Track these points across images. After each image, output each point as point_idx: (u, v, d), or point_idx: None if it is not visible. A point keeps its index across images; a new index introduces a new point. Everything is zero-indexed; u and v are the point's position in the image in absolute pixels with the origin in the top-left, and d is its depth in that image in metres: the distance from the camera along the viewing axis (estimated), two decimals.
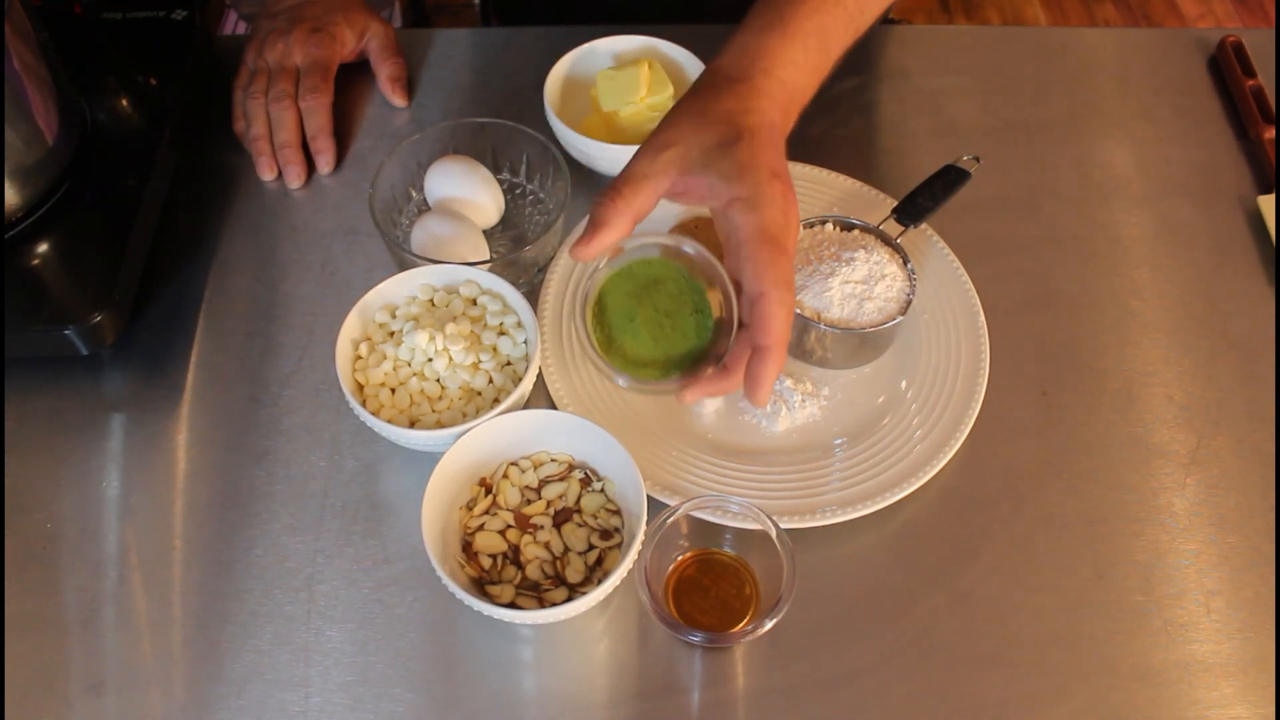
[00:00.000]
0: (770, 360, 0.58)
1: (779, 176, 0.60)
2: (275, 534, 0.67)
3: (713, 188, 0.60)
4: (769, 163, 0.60)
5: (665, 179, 0.61)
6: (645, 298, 0.64)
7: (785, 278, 0.58)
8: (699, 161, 0.60)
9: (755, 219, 0.58)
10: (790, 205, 0.60)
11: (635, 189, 0.61)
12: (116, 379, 0.73)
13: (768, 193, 0.59)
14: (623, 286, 0.64)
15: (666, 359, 0.63)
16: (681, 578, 0.64)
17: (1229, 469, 0.70)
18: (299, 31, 0.84)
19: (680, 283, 0.64)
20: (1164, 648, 0.63)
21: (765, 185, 0.59)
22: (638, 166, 0.61)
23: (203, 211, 0.81)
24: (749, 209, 0.59)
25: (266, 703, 0.61)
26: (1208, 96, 0.89)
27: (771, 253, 0.58)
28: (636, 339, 0.63)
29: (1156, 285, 0.78)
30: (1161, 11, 2.21)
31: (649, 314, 0.63)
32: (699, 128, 0.61)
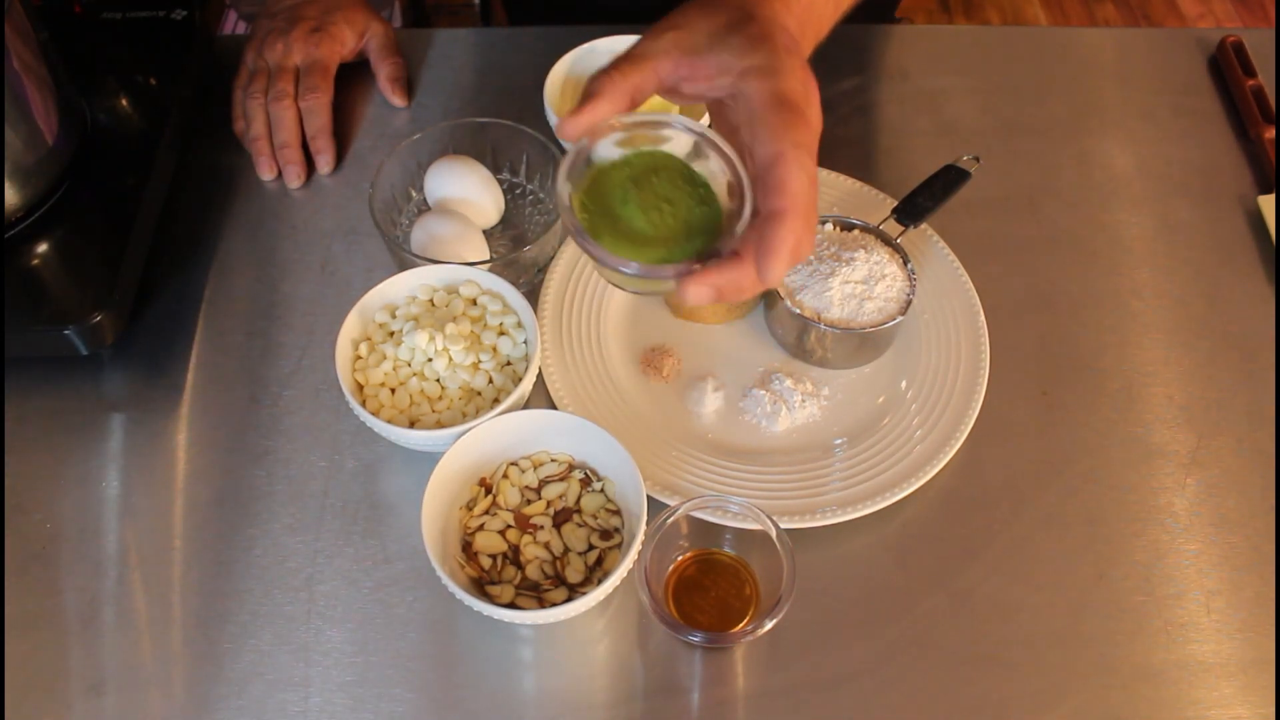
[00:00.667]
0: (785, 225, 0.50)
1: (797, 54, 0.54)
2: (275, 534, 0.67)
3: (722, 64, 0.54)
4: (785, 41, 0.54)
5: (668, 59, 0.55)
6: (643, 184, 0.56)
7: (804, 140, 0.52)
8: (705, 43, 0.55)
9: (771, 84, 0.52)
10: (810, 82, 0.54)
11: (635, 65, 0.55)
12: (116, 379, 0.73)
13: (786, 61, 0.53)
14: (617, 174, 0.56)
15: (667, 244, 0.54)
16: (681, 578, 0.64)
17: (1229, 469, 0.70)
18: (298, 31, 0.84)
19: (682, 171, 0.56)
20: (1164, 648, 0.63)
21: (783, 56, 0.53)
22: (638, 47, 0.56)
23: (203, 211, 0.81)
24: (763, 75, 0.53)
25: (266, 703, 0.61)
26: (1208, 96, 0.89)
27: (789, 114, 0.52)
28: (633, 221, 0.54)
29: (1156, 285, 0.78)
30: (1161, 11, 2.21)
31: (646, 199, 0.55)
32: (706, 12, 0.56)
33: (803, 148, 0.51)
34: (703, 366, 0.73)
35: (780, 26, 0.56)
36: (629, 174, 0.56)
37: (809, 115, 0.53)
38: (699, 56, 0.55)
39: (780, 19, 0.56)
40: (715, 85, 0.55)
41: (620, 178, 0.56)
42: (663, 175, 0.56)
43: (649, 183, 0.56)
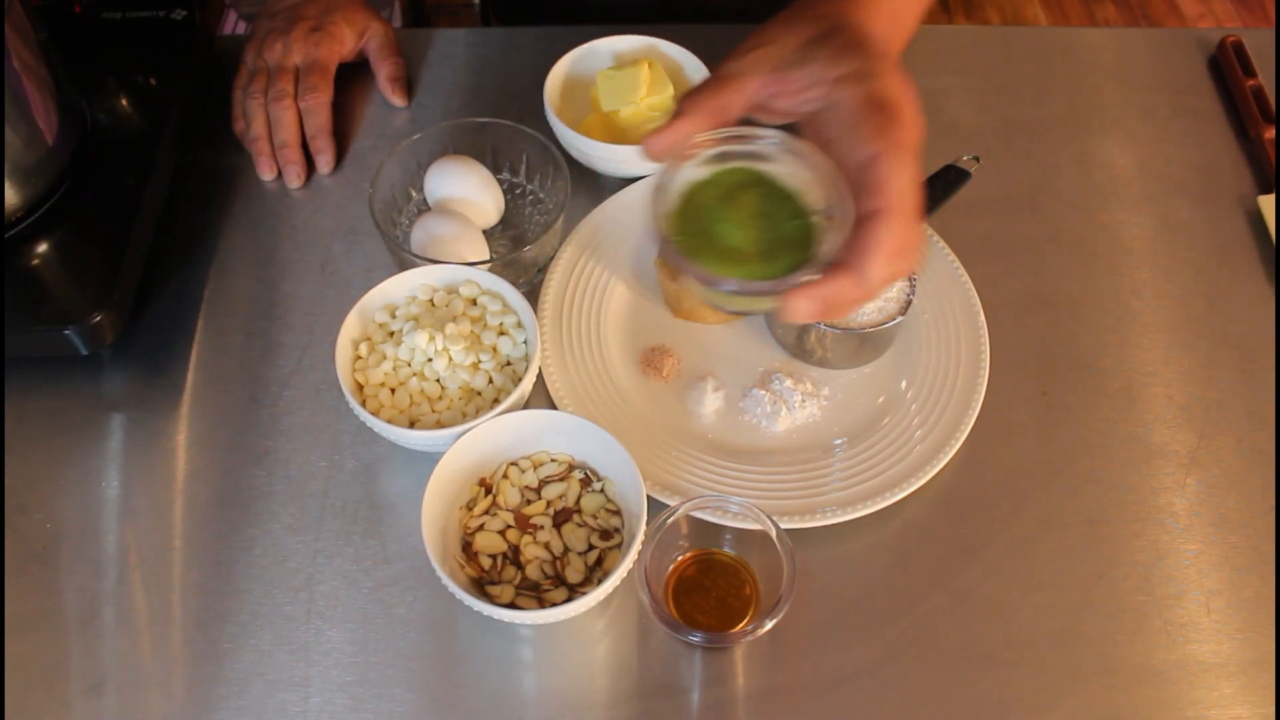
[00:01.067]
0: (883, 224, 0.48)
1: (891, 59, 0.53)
2: (275, 534, 0.67)
3: (812, 76, 0.53)
4: (878, 46, 0.53)
5: (755, 78, 0.54)
6: (734, 200, 0.54)
7: (903, 139, 0.50)
8: (793, 57, 0.54)
9: (865, 87, 0.51)
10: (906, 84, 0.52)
11: (721, 86, 0.54)
12: (116, 379, 0.73)
13: (879, 66, 0.52)
14: (707, 192, 0.55)
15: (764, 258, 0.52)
16: (681, 578, 0.64)
17: (1229, 469, 0.70)
18: (298, 31, 0.84)
19: (773, 185, 0.55)
20: (1164, 648, 0.63)
21: (877, 60, 0.52)
22: (725, 66, 0.55)
23: (203, 211, 0.81)
24: (857, 81, 0.51)
25: (266, 703, 0.61)
26: (1208, 96, 0.89)
27: (886, 116, 0.50)
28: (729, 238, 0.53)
29: (1156, 285, 0.78)
30: (1162, 11, 2.22)
31: (740, 215, 0.54)
32: (792, 27, 0.55)
33: (901, 147, 0.50)
34: (703, 366, 0.73)
35: (869, 33, 0.55)
36: (718, 192, 0.55)
37: (906, 115, 0.51)
38: (788, 71, 0.54)
39: (868, 25, 0.55)
40: (807, 99, 0.54)
41: (710, 196, 0.55)
42: (754, 191, 0.55)
43: (740, 199, 0.55)
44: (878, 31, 0.56)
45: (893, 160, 0.49)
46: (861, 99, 0.51)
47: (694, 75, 0.84)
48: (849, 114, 0.51)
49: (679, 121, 0.54)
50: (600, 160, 0.80)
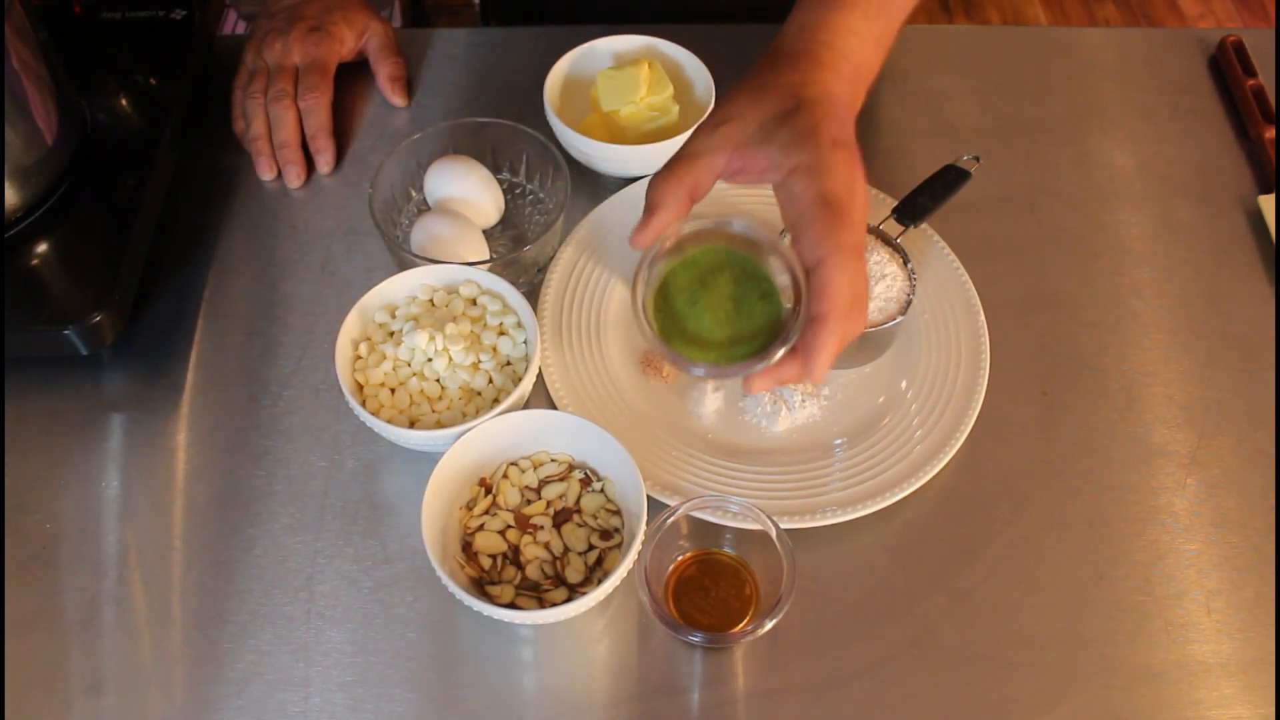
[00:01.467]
0: (826, 330, 0.54)
1: (844, 146, 0.56)
2: (275, 534, 0.67)
3: (772, 160, 0.57)
4: (831, 132, 0.56)
5: (721, 155, 0.58)
6: (709, 284, 0.60)
7: (848, 242, 0.54)
8: (757, 135, 0.57)
9: (815, 185, 0.55)
10: (856, 176, 0.56)
11: (689, 166, 0.58)
12: (116, 379, 0.73)
13: (830, 159, 0.55)
14: (685, 274, 0.60)
15: (732, 343, 0.59)
16: (681, 578, 0.64)
17: (1229, 469, 0.70)
18: (297, 31, 0.84)
19: (746, 268, 0.60)
20: (1164, 648, 0.63)
21: (827, 152, 0.55)
22: (692, 144, 0.59)
23: (203, 211, 0.81)
24: (808, 175, 0.55)
25: (266, 703, 0.61)
26: (1208, 96, 0.89)
27: (831, 217, 0.54)
28: (700, 324, 0.59)
29: (1156, 285, 0.78)
30: (1162, 11, 2.22)
31: (712, 299, 0.59)
32: (756, 101, 0.58)
33: (844, 250, 0.54)
34: None
35: (828, 110, 0.57)
36: (696, 274, 0.60)
37: (852, 213, 0.55)
38: (751, 150, 0.57)
39: (830, 92, 0.58)
40: (765, 178, 0.58)
41: (688, 278, 0.60)
42: (727, 273, 0.60)
43: (714, 282, 0.60)
44: (840, 95, 0.59)
45: (835, 266, 0.54)
46: (812, 197, 0.55)
47: (694, 75, 0.84)
48: (802, 209, 0.55)
49: (658, 214, 0.58)
50: (600, 160, 0.80)
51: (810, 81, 0.58)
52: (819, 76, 0.59)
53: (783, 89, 0.58)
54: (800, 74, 0.59)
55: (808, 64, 0.59)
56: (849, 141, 0.57)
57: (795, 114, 0.57)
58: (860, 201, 0.56)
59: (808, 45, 0.60)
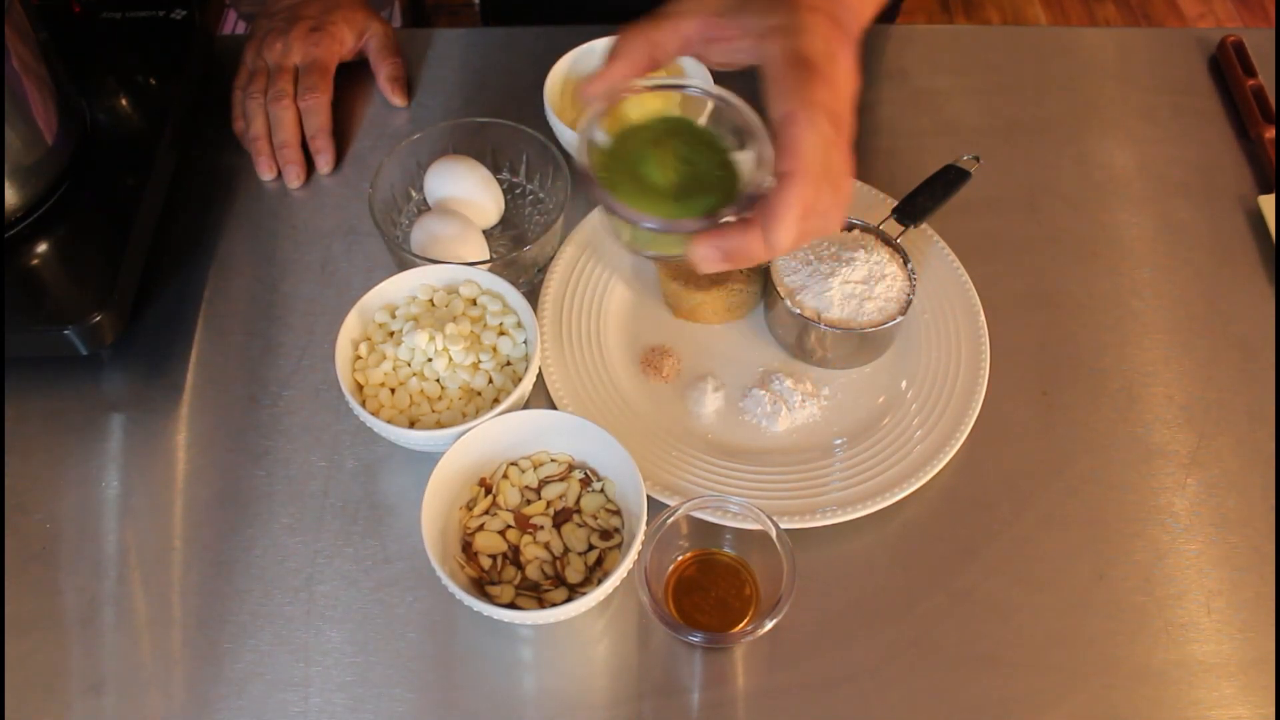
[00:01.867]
0: (792, 189, 0.49)
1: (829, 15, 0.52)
2: (275, 534, 0.67)
3: (745, 26, 0.53)
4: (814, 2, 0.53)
5: (693, 19, 0.55)
6: (662, 144, 0.56)
7: (819, 99, 0.49)
8: (732, 3, 0.54)
9: (789, 42, 0.51)
10: (836, 40, 0.52)
11: (658, 24, 0.55)
12: (116, 379, 0.73)
13: (808, 20, 0.51)
14: (639, 136, 0.56)
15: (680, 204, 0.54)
16: (681, 578, 0.64)
17: (1229, 469, 0.70)
18: (297, 31, 0.84)
19: (703, 136, 0.56)
20: (1164, 648, 0.63)
21: (806, 14, 0.52)
22: (664, 12, 0.56)
23: (203, 211, 0.81)
24: (783, 34, 0.51)
25: (266, 703, 0.61)
26: (1208, 96, 0.89)
27: (805, 73, 0.50)
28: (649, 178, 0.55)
29: (1156, 285, 0.78)
30: (1162, 11, 2.21)
31: (665, 157, 0.55)
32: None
33: (817, 106, 0.49)
34: (703, 366, 0.73)
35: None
36: (650, 136, 0.56)
37: (829, 73, 0.50)
38: (725, 17, 0.54)
39: None
40: (740, 48, 0.54)
41: (641, 139, 0.56)
42: (683, 138, 0.56)
43: (669, 144, 0.56)
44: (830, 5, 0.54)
45: (804, 122, 0.49)
46: (784, 54, 0.51)
47: (694, 75, 0.83)
48: (772, 69, 0.51)
49: (614, 63, 0.54)
50: None
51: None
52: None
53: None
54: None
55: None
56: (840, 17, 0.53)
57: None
58: (843, 69, 0.52)
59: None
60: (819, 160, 0.49)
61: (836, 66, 0.51)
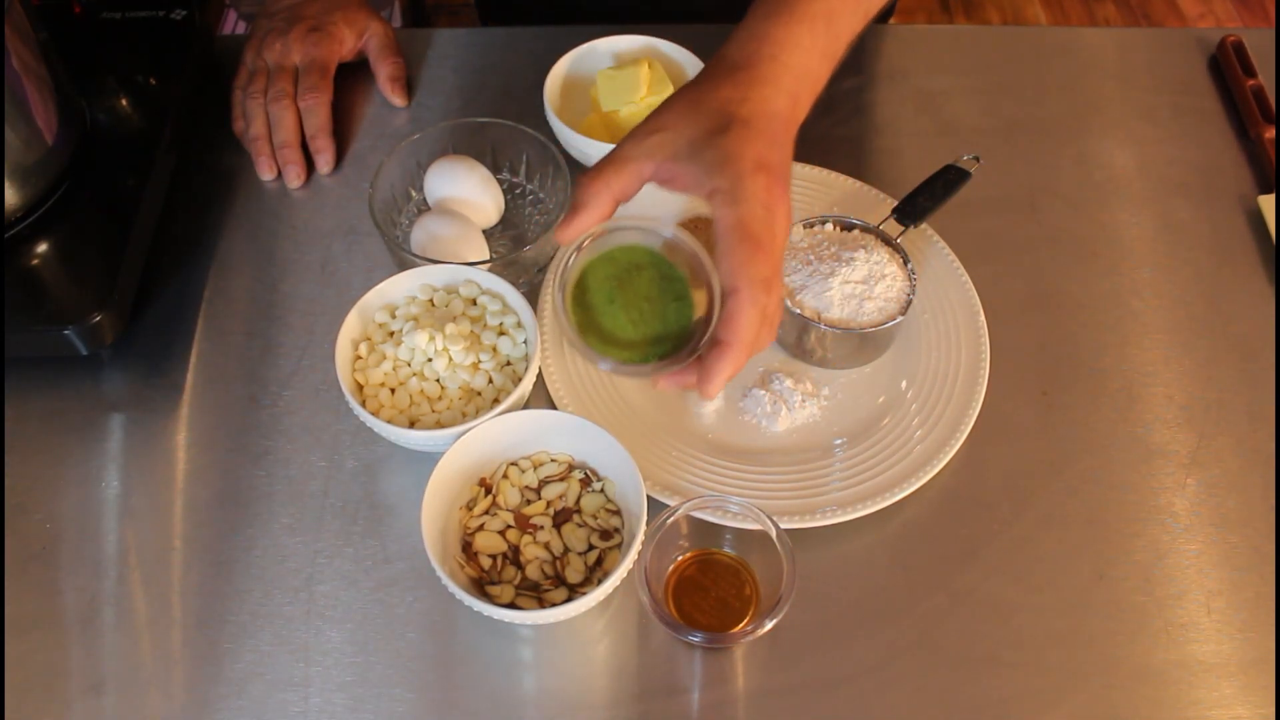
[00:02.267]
0: (725, 358, 0.56)
1: (766, 169, 0.57)
2: (275, 534, 0.67)
3: (697, 178, 0.58)
4: (756, 154, 0.57)
5: (649, 163, 0.59)
6: (626, 282, 0.62)
7: (760, 275, 0.56)
8: (685, 151, 0.58)
9: (733, 213, 0.56)
10: (776, 200, 0.57)
11: (618, 170, 0.59)
12: (116, 379, 0.73)
13: (749, 186, 0.56)
14: (603, 270, 0.62)
15: (644, 343, 0.61)
16: (681, 578, 0.64)
17: (1229, 469, 0.70)
18: (297, 31, 0.84)
19: (662, 269, 0.62)
20: (1164, 648, 0.63)
21: (748, 179, 0.56)
22: (623, 149, 0.60)
23: (203, 211, 0.81)
24: (728, 202, 0.56)
25: (266, 703, 0.61)
26: (1208, 96, 0.89)
27: (747, 249, 0.56)
28: (615, 321, 0.61)
29: (1156, 285, 0.78)
30: (1162, 11, 2.22)
31: (629, 297, 0.62)
32: (690, 115, 0.59)
33: (757, 284, 0.56)
34: None
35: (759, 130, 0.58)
36: (614, 270, 0.62)
37: (768, 244, 0.56)
38: (679, 164, 0.59)
39: (767, 109, 0.59)
40: (692, 192, 0.59)
41: (606, 274, 0.62)
42: (644, 273, 0.62)
43: (631, 281, 0.62)
44: (777, 113, 0.59)
45: (746, 300, 0.56)
46: (730, 224, 0.56)
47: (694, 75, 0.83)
48: (721, 234, 0.57)
49: (581, 214, 0.59)
50: None
51: (748, 98, 0.59)
52: (758, 92, 0.59)
53: (718, 106, 0.59)
54: (739, 89, 0.59)
55: (748, 78, 0.60)
56: (774, 165, 0.58)
57: (724, 134, 0.58)
58: (779, 228, 0.57)
59: (751, 57, 0.61)
60: (753, 331, 0.56)
61: (774, 231, 0.57)
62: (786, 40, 0.61)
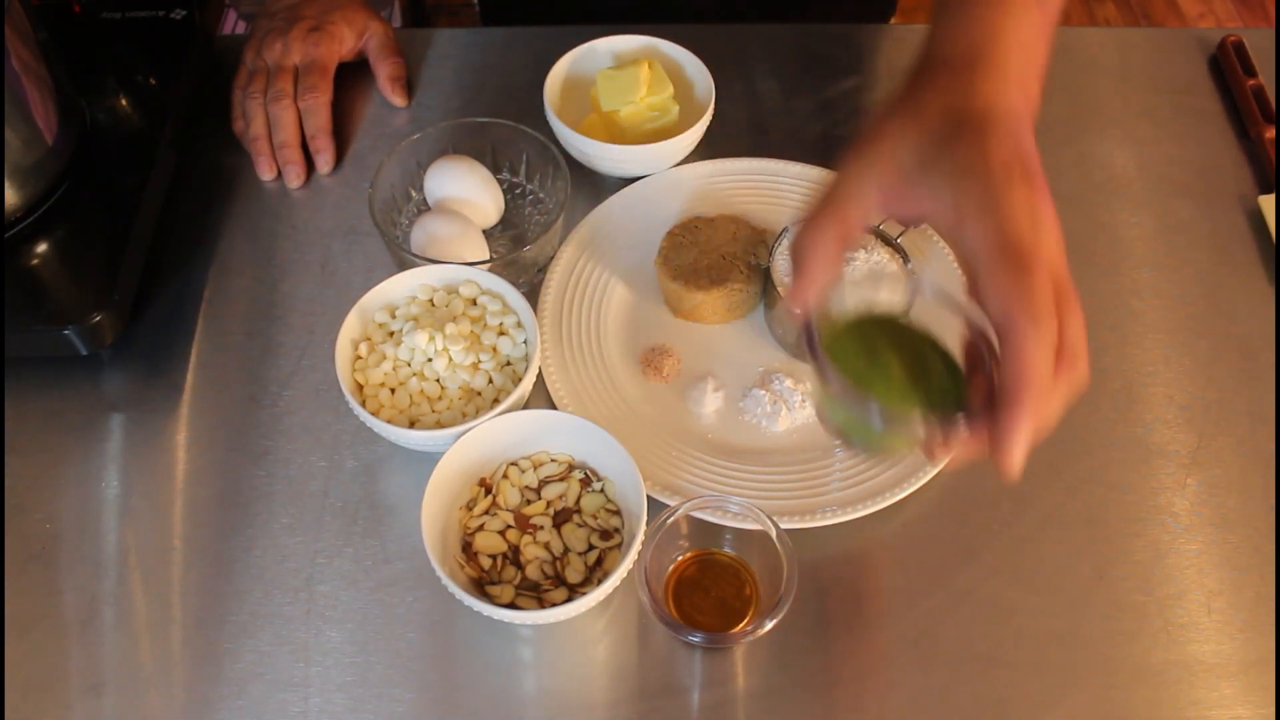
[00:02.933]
0: (1017, 415, 0.45)
1: (1022, 170, 0.48)
2: (275, 534, 0.67)
3: (936, 195, 0.48)
4: (1005, 156, 0.48)
5: (872, 189, 0.50)
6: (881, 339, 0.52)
7: (1037, 302, 0.45)
8: (914, 164, 0.49)
9: (991, 228, 0.46)
10: (1040, 206, 0.47)
11: (837, 215, 0.51)
12: (116, 379, 0.73)
13: (1005, 193, 0.47)
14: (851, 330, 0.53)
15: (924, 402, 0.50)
16: (681, 578, 0.64)
17: (1229, 469, 0.70)
18: (297, 31, 0.84)
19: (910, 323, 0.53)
20: (1164, 648, 0.63)
21: (1000, 184, 0.47)
22: (841, 184, 0.51)
23: (203, 211, 0.81)
24: (983, 215, 0.47)
25: (266, 703, 0.61)
26: (1208, 96, 0.89)
27: (1015, 270, 0.45)
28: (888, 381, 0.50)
29: (1157, 285, 0.78)
30: (1162, 11, 2.21)
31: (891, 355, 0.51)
32: (913, 121, 0.50)
33: (1035, 312, 0.45)
34: (703, 366, 0.73)
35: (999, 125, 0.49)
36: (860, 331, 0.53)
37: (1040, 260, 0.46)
38: (909, 187, 0.50)
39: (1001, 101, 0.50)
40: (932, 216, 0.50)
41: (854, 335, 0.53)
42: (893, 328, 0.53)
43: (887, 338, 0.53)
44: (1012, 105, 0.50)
45: (1027, 335, 0.45)
46: (990, 245, 0.46)
47: (694, 75, 0.84)
48: (980, 259, 0.47)
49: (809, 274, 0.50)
50: (600, 160, 0.80)
51: (975, 91, 0.50)
52: (986, 86, 0.50)
53: (941, 105, 0.50)
54: (961, 81, 0.50)
55: (967, 70, 0.51)
56: (1028, 162, 0.48)
57: (958, 137, 0.49)
58: (1047, 240, 0.47)
59: (966, 51, 0.52)
60: (1045, 373, 0.45)
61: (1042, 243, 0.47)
62: (1000, 27, 0.52)
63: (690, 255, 0.75)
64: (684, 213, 0.79)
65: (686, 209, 0.79)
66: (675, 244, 0.75)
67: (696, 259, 0.74)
